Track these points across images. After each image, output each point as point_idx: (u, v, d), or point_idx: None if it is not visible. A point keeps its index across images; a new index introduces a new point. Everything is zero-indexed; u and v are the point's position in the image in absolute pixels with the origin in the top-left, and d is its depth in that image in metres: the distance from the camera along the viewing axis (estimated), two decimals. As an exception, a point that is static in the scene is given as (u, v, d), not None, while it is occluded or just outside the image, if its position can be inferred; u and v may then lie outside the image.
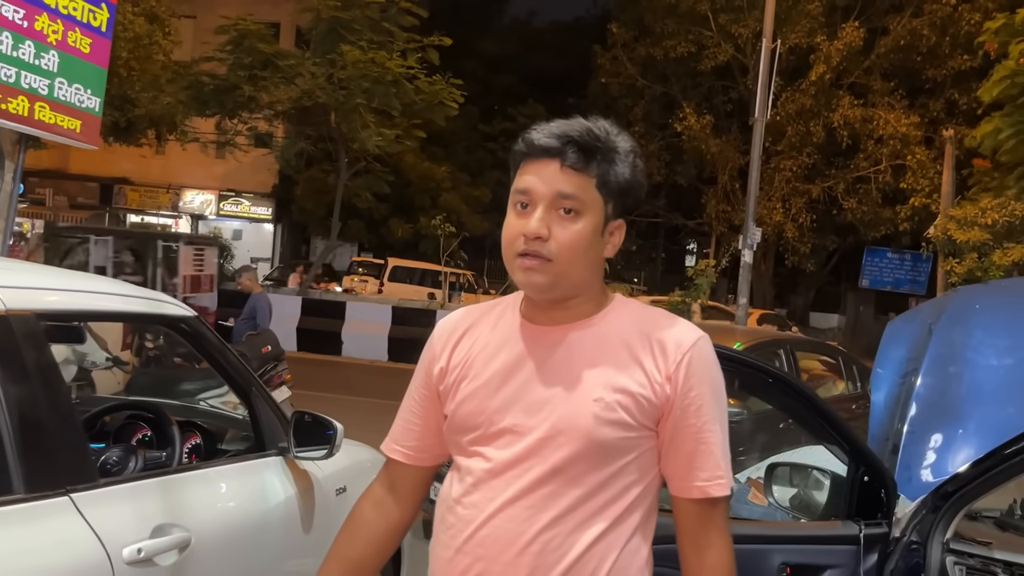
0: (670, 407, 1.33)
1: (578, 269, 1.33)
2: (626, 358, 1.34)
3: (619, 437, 1.31)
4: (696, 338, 1.35)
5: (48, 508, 1.76)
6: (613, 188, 1.34)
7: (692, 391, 1.33)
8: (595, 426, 1.31)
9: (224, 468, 2.49)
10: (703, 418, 1.33)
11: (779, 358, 6.26)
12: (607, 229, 1.37)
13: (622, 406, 1.31)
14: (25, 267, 2.28)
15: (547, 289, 1.33)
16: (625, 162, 1.34)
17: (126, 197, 27.67)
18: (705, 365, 1.35)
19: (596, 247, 1.35)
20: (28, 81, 4.02)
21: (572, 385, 1.33)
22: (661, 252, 31.88)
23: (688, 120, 21.88)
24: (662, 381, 1.32)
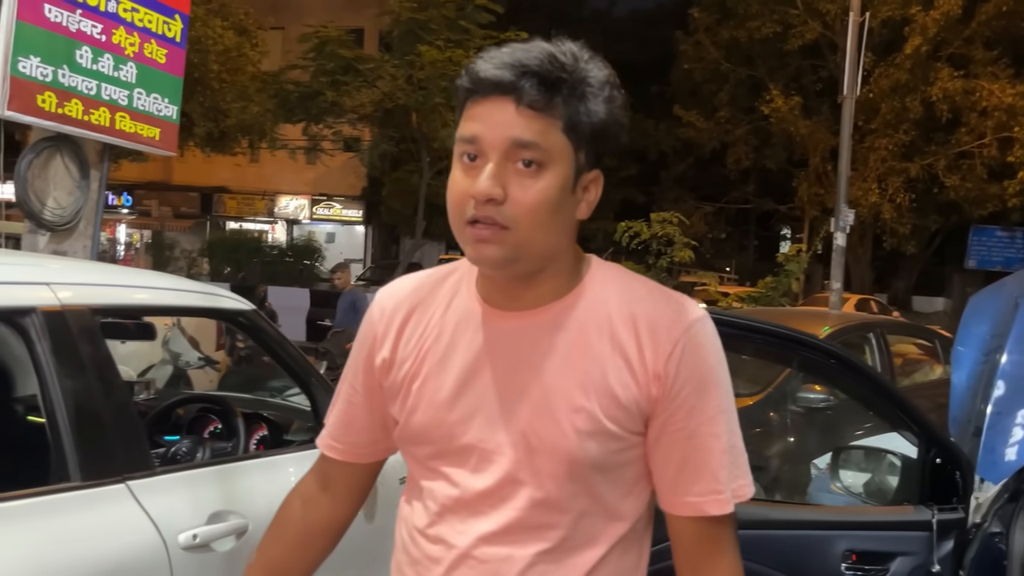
0: (658, 409, 1.08)
1: (544, 237, 1.05)
2: (608, 349, 1.08)
3: (609, 451, 1.08)
4: (692, 320, 1.08)
5: (104, 495, 1.83)
6: (585, 131, 1.04)
7: (684, 388, 1.07)
8: (578, 443, 1.06)
9: (284, 457, 2.54)
10: (696, 420, 1.08)
11: (868, 342, 5.99)
12: (580, 183, 1.07)
13: (608, 415, 1.07)
14: (81, 264, 2.38)
15: (505, 264, 1.06)
16: (599, 96, 1.05)
17: (225, 205, 28.81)
18: (702, 354, 1.08)
19: (566, 208, 1.06)
20: (108, 93, 4.20)
21: (546, 390, 1.08)
22: (753, 239, 31.10)
23: (776, 102, 21.24)
24: (649, 379, 1.07)
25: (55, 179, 4.15)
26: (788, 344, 2.15)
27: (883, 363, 5.98)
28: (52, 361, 1.82)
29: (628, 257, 16.48)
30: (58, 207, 4.12)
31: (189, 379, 6.56)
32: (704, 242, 21.92)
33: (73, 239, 4.24)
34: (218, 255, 19.65)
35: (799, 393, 5.09)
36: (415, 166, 18.96)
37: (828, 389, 4.95)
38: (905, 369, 6.91)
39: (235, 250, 19.42)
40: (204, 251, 21.23)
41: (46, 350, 1.82)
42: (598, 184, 1.11)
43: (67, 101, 4.00)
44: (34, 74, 3.84)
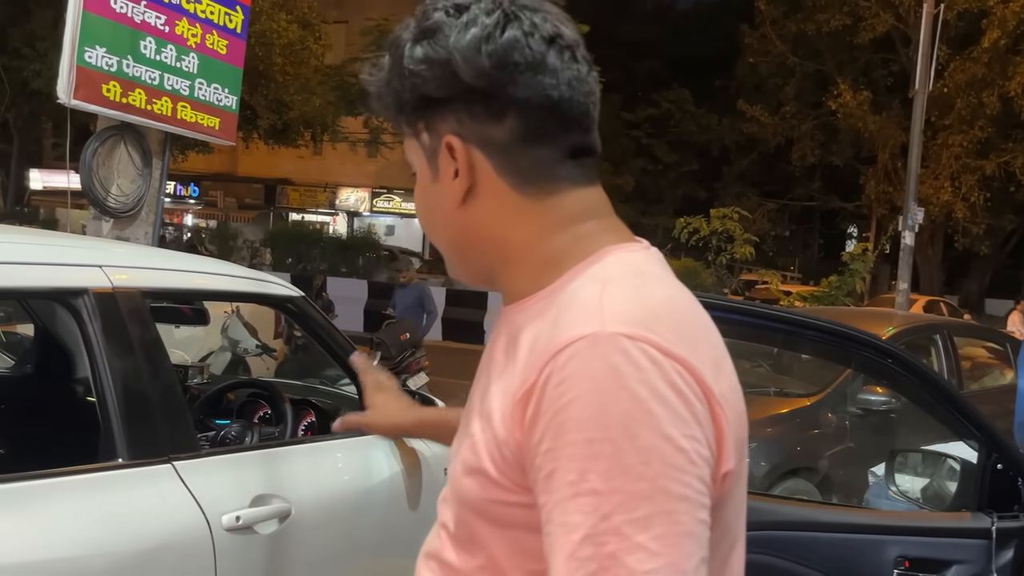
0: (526, 463, 0.77)
1: (438, 237, 0.92)
2: (511, 367, 0.82)
3: (488, 499, 0.81)
4: (572, 338, 0.74)
5: (150, 474, 1.86)
6: (400, 108, 0.88)
7: (543, 443, 0.73)
8: (459, 475, 0.85)
9: (330, 443, 2.56)
10: (553, 496, 0.72)
11: (935, 344, 5.79)
12: (438, 163, 0.88)
13: (488, 450, 0.80)
14: (133, 248, 2.44)
15: (451, 273, 0.96)
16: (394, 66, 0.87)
17: (288, 197, 29.38)
18: (569, 392, 0.72)
19: (434, 197, 0.90)
20: (171, 83, 4.31)
21: (475, 405, 0.89)
22: (817, 238, 30.43)
23: (844, 97, 20.71)
24: (511, 415, 0.78)
25: (118, 167, 4.27)
26: (846, 342, 2.08)
27: (950, 366, 5.77)
28: (103, 342, 1.86)
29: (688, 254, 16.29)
30: (121, 194, 4.23)
31: (247, 366, 6.69)
32: (767, 239, 21.51)
33: (135, 226, 4.35)
34: (280, 246, 20.01)
35: (859, 395, 4.95)
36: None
37: (890, 392, 4.81)
38: (974, 373, 6.67)
39: (296, 241, 19.75)
40: (266, 241, 21.65)
41: (97, 331, 1.86)
42: (455, 150, 0.86)
43: (131, 91, 4.11)
44: (99, 64, 3.95)
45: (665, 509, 0.69)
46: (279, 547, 2.09)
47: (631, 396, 0.70)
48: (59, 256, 1.97)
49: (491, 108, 0.83)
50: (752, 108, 23.25)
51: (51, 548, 1.65)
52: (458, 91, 0.84)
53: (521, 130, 0.84)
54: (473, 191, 0.86)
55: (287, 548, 2.11)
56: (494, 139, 0.84)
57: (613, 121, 27.11)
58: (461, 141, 0.85)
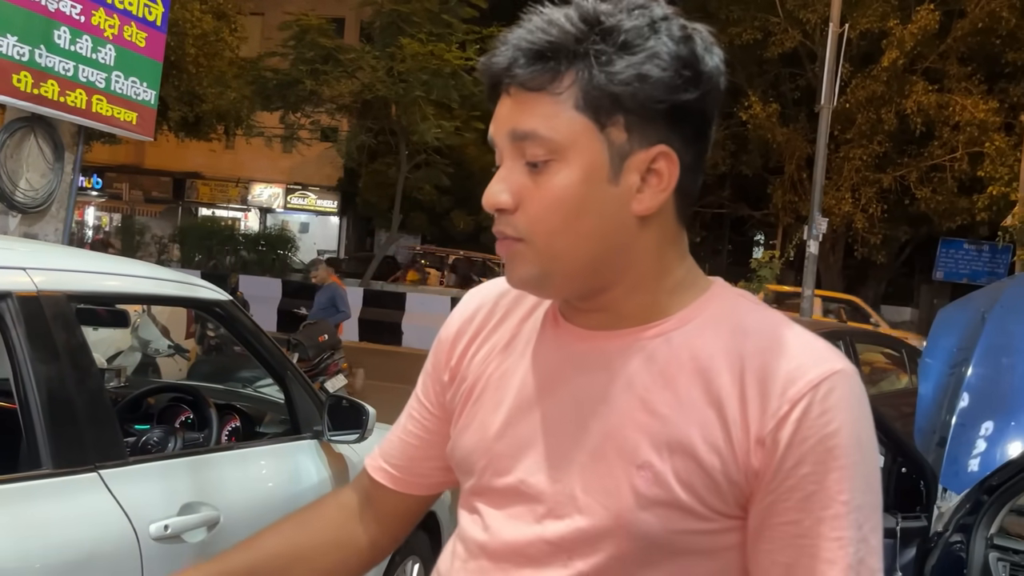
0: (760, 488, 0.80)
1: (571, 248, 0.82)
2: (700, 397, 0.82)
3: (675, 530, 0.81)
4: (824, 374, 0.79)
5: (76, 483, 1.81)
6: (615, 100, 0.80)
7: (802, 466, 0.78)
8: (634, 510, 0.81)
9: (257, 449, 2.54)
10: (813, 513, 0.78)
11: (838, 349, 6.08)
12: (624, 168, 0.81)
13: (681, 481, 0.81)
14: (57, 249, 2.36)
15: (535, 284, 0.86)
16: (633, 50, 0.80)
17: (198, 191, 28.52)
18: (835, 421, 0.79)
19: (600, 205, 0.82)
20: (86, 75, 4.15)
21: (609, 434, 0.84)
22: (727, 244, 31.37)
23: (754, 108, 21.41)
24: (750, 445, 0.80)
25: (28, 160, 4.09)
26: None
27: (851, 371, 6.07)
28: (26, 347, 1.80)
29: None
30: (31, 189, 4.06)
31: (158, 367, 6.50)
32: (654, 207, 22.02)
33: (45, 222, 4.18)
34: (190, 242, 19.44)
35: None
36: (393, 159, 18.91)
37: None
38: (872, 378, 7.02)
39: (207, 237, 19.23)
40: (175, 237, 21.00)
41: (21, 336, 1.80)
42: (666, 162, 0.82)
43: (43, 82, 3.95)
44: (10, 53, 3.79)
45: (880, 515, 0.83)
46: (208, 555, 2.05)
47: (870, 423, 0.82)
48: (-21, 258, 1.90)
49: (700, 131, 0.84)
50: (667, 116, 23.80)
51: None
52: (694, 104, 0.82)
53: (703, 157, 0.86)
54: (658, 211, 0.84)
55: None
56: (686, 161, 0.84)
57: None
58: (675, 157, 0.82)
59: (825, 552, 0.78)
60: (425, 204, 22.82)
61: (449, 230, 25.34)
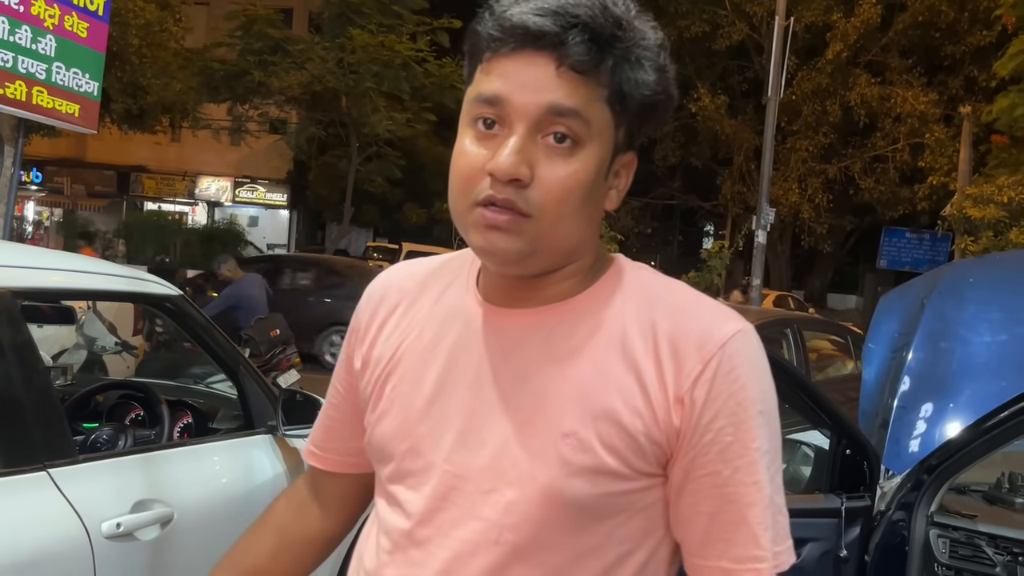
0: (681, 445, 0.85)
1: (568, 230, 0.86)
2: (618, 365, 0.86)
3: (601, 493, 0.85)
4: (729, 333, 0.86)
5: (24, 483, 1.78)
6: (633, 104, 0.85)
7: (717, 420, 0.84)
8: (562, 478, 0.84)
9: (210, 445, 2.51)
10: (731, 463, 0.84)
11: (786, 337, 6.21)
12: (613, 167, 0.88)
13: (607, 445, 0.84)
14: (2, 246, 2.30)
15: (518, 259, 0.86)
16: (652, 63, 0.85)
17: (143, 185, 27.87)
18: (744, 377, 0.85)
19: (596, 195, 0.87)
20: (25, 66, 4.04)
21: (535, 407, 0.87)
22: (677, 235, 31.74)
23: (703, 100, 21.69)
24: (669, 406, 0.85)
25: (-34, 154, 3.98)
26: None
27: (799, 358, 6.21)
28: (-31, 345, 1.76)
29: (556, 249, 16.64)
30: (-31, 183, 3.95)
31: (104, 365, 6.36)
32: (630, 236, 22.26)
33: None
34: (136, 237, 19.01)
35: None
36: (344, 151, 18.74)
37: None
38: (819, 364, 7.19)
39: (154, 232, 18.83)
40: (120, 232, 20.51)
41: (-37, 333, 1.76)
42: (631, 169, 0.91)
43: (-20, 73, 3.84)
44: (-55, 43, 3.67)
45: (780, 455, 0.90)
46: (162, 553, 2.04)
47: (769, 374, 0.89)
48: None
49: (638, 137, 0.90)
50: (618, 108, 23.97)
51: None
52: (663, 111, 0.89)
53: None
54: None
55: (170, 553, 2.07)
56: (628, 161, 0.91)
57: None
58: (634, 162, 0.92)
59: (745, 496, 0.85)
60: (377, 197, 22.65)
61: (401, 223, 25.18)
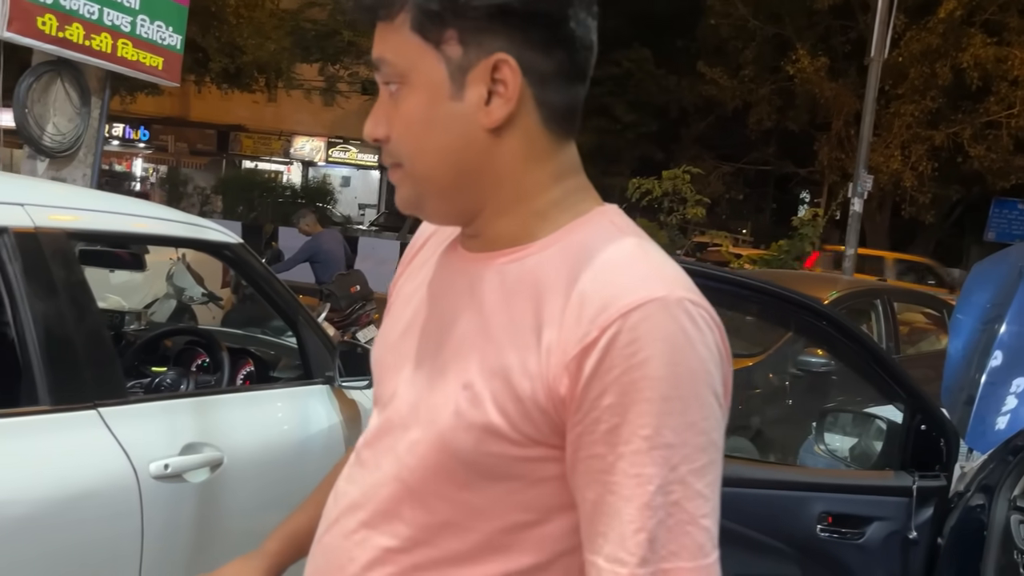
0: (568, 418, 0.78)
1: (431, 163, 0.84)
2: (527, 322, 0.81)
3: (487, 452, 0.80)
4: (639, 300, 0.75)
5: (74, 420, 1.82)
6: (441, 16, 0.80)
7: (605, 397, 0.75)
8: (452, 429, 0.82)
9: (266, 393, 2.54)
10: (616, 448, 0.75)
11: (875, 308, 5.92)
12: (467, 82, 0.81)
13: (497, 404, 0.80)
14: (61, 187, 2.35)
15: (414, 206, 0.87)
16: None
17: (241, 144, 28.72)
18: (641, 352, 0.74)
19: (448, 118, 0.82)
20: (111, 18, 4.13)
21: (453, 354, 0.85)
22: (770, 202, 30.82)
23: (801, 62, 20.79)
24: (557, 370, 0.77)
25: (55, 105, 4.10)
26: (784, 304, 2.10)
27: (888, 330, 5.92)
28: (23, 284, 1.79)
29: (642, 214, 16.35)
30: (57, 133, 4.08)
31: (194, 314, 6.58)
32: (721, 202, 21.72)
33: (73, 167, 4.21)
34: (232, 193, 19.63)
35: (800, 357, 5.06)
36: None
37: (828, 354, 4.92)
38: (911, 338, 6.85)
39: (249, 189, 19.40)
40: (218, 189, 21.21)
41: (17, 272, 1.79)
42: (504, 72, 0.81)
43: (68, 25, 3.93)
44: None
45: (714, 459, 0.77)
46: (210, 496, 2.06)
47: (698, 357, 0.76)
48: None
49: (549, 37, 0.81)
50: (712, 70, 23.25)
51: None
52: (525, 10, 0.80)
53: (567, 66, 0.83)
54: (508, 121, 0.82)
55: (218, 497, 2.09)
56: (541, 69, 0.82)
57: (573, 78, 26.89)
58: (515, 64, 0.81)
59: (624, 489, 0.75)
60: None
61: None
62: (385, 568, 0.86)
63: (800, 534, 1.96)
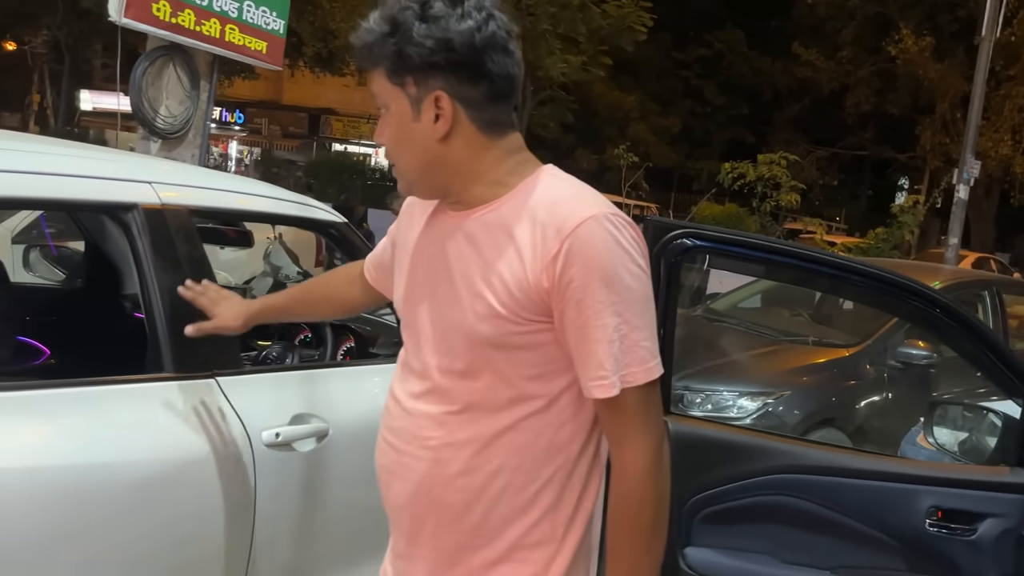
0: (552, 300, 1.24)
1: (408, 162, 1.31)
2: (509, 245, 1.26)
3: (505, 332, 1.26)
4: (580, 220, 1.21)
5: (195, 388, 1.91)
6: (407, 67, 1.23)
7: (572, 282, 1.21)
8: (476, 324, 1.27)
9: (367, 368, 2.60)
10: (584, 313, 1.22)
11: (982, 301, 5.66)
12: (421, 109, 1.25)
13: (500, 301, 1.25)
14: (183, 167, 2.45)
15: (408, 190, 1.36)
16: (398, 42, 1.23)
17: (331, 127, 29.38)
18: (588, 251, 1.20)
19: (414, 134, 1.27)
20: (219, 4, 4.28)
21: (460, 278, 1.29)
22: (866, 188, 29.74)
23: (905, 43, 19.96)
24: (539, 273, 1.23)
25: (167, 88, 4.28)
26: (893, 290, 2.04)
27: (996, 324, 5.65)
28: (151, 256, 1.89)
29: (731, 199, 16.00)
30: (169, 115, 4.26)
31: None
32: (814, 188, 21.06)
33: (182, 147, 4.39)
34: (323, 175, 20.12)
35: (900, 348, 4.89)
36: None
37: (931, 347, 4.74)
38: (1021, 333, 6.52)
39: (340, 171, 19.85)
40: (310, 171, 21.76)
41: (146, 246, 1.89)
42: (442, 102, 1.25)
43: (180, 11, 4.09)
44: (149, -17, 3.94)
45: (643, 306, 1.25)
46: (316, 465, 2.14)
47: (623, 249, 1.22)
48: (110, 171, 1.99)
49: (472, 75, 1.23)
50: (808, 52, 22.54)
51: (101, 451, 1.71)
52: (451, 60, 1.21)
53: (490, 92, 1.25)
54: (451, 132, 1.26)
55: (324, 466, 2.16)
56: (470, 97, 1.25)
57: (662, 60, 26.47)
58: (448, 97, 1.24)
59: (593, 333, 1.22)
60: (548, 142, 22.65)
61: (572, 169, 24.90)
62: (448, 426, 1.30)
63: (907, 527, 1.91)
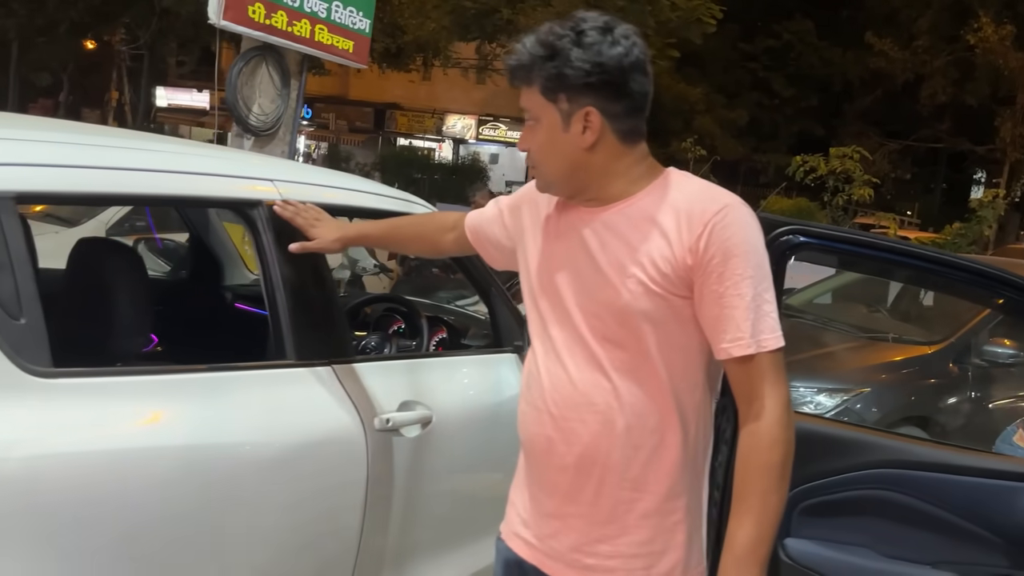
0: (695, 276, 1.44)
1: (554, 166, 1.51)
2: (656, 232, 1.46)
3: (654, 307, 1.46)
4: (720, 206, 1.43)
5: (314, 375, 2.01)
6: (562, 86, 1.44)
7: (714, 259, 1.42)
8: (632, 300, 1.46)
9: (464, 358, 2.69)
10: (724, 283, 1.42)
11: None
12: (571, 122, 1.47)
13: (650, 278, 1.45)
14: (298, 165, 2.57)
15: (546, 189, 1.57)
16: (574, 67, 1.42)
17: (396, 121, 29.73)
18: (728, 233, 1.42)
19: (563, 143, 1.48)
20: (310, 5, 4.43)
21: (610, 263, 1.49)
22: (941, 182, 28.84)
23: (984, 31, 19.31)
24: (684, 252, 1.43)
25: (260, 87, 4.45)
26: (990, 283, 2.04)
27: (1084, 322, 5.48)
28: (274, 251, 2.00)
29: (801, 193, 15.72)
30: (262, 113, 4.42)
31: (363, 285, 6.96)
32: (886, 182, 20.54)
33: (273, 144, 4.55)
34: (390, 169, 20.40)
35: (985, 347, 4.79)
36: (584, 89, 18.57)
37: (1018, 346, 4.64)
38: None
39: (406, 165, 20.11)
40: (377, 165, 22.08)
41: (270, 240, 2.00)
42: (591, 116, 1.46)
43: (274, 12, 4.25)
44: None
45: (771, 281, 1.46)
46: (423, 450, 2.23)
47: (757, 231, 1.46)
48: (236, 169, 2.11)
49: (618, 93, 1.45)
50: (881, 41, 21.96)
51: (236, 433, 1.82)
52: (602, 81, 1.43)
53: (630, 107, 1.47)
54: (596, 142, 1.47)
55: (430, 452, 2.25)
56: (614, 111, 1.46)
57: (729, 52, 26.04)
58: (597, 111, 1.45)
59: (732, 301, 1.43)
60: (615, 135, 22.44)
61: (638, 162, 24.82)
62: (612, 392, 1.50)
63: (1011, 524, 1.91)
